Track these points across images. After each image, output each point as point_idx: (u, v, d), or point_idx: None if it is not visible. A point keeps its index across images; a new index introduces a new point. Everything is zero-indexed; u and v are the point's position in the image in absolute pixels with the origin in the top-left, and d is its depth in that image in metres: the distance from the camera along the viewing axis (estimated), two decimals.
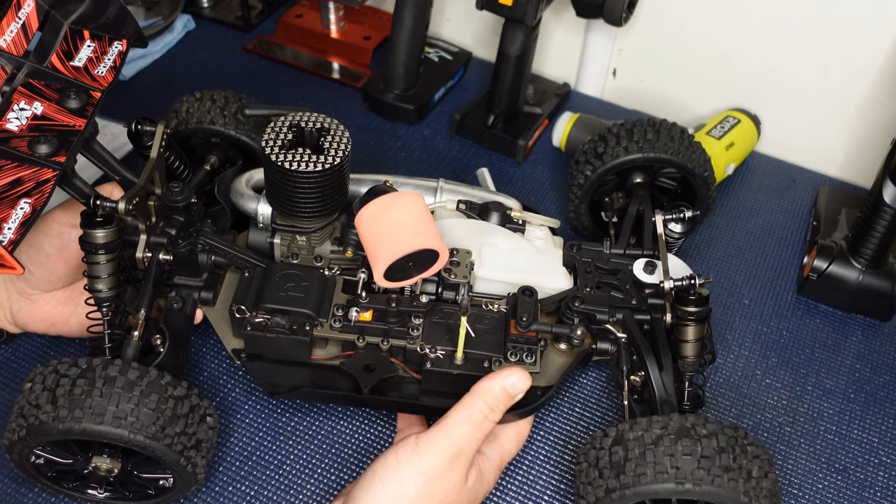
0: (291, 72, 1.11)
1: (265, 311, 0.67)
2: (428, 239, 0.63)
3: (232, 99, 0.80)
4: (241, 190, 0.74)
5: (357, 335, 0.68)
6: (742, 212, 0.98)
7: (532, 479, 0.71)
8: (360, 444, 0.72)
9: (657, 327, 0.70)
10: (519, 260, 0.73)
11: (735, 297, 0.88)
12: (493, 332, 0.69)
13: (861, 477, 0.74)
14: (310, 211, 0.67)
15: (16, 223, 0.54)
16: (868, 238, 0.82)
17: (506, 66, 0.96)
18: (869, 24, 0.91)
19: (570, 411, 0.76)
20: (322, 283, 0.69)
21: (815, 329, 0.86)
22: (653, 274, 0.72)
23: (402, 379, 0.70)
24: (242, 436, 0.72)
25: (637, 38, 1.05)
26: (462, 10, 1.14)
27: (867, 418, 0.78)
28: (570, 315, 0.71)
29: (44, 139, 0.57)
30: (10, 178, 0.55)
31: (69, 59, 0.63)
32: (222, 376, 0.76)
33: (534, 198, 0.97)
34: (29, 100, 0.60)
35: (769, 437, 0.76)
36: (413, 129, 1.05)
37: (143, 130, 0.71)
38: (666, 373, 0.66)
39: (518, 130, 1.01)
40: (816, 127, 1.02)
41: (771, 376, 0.81)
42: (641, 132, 0.81)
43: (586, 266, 0.75)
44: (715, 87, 1.05)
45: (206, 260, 0.70)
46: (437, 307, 0.70)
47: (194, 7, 1.18)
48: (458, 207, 0.77)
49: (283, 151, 0.65)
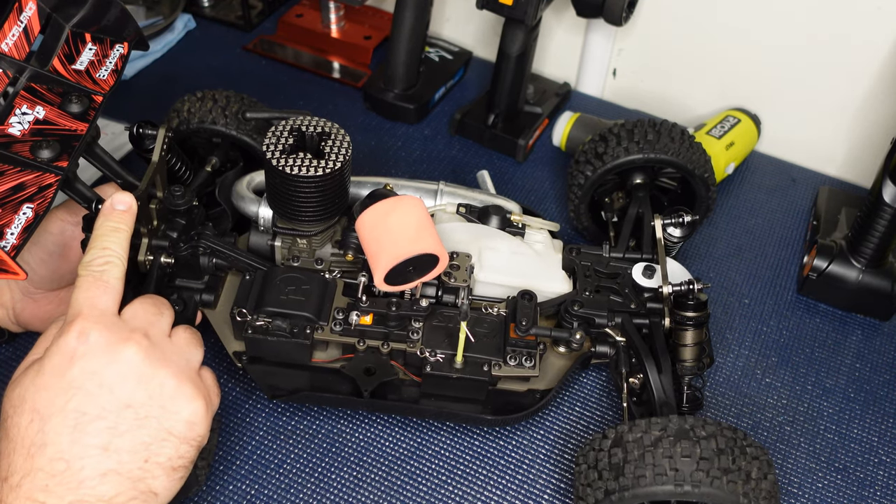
0: (292, 71, 1.11)
1: (266, 315, 0.67)
2: (428, 243, 0.64)
3: (233, 99, 0.80)
4: (242, 193, 0.74)
5: (357, 338, 0.69)
6: (742, 211, 0.98)
7: (532, 478, 0.71)
8: (360, 444, 0.72)
9: (656, 331, 0.70)
10: (518, 264, 0.73)
11: (735, 296, 0.88)
12: (493, 336, 0.69)
13: (861, 476, 0.74)
14: (311, 215, 0.67)
15: (18, 228, 0.54)
16: (868, 237, 0.82)
17: (506, 66, 0.96)
18: (869, 25, 0.91)
19: (571, 411, 0.76)
20: (323, 286, 0.70)
21: (815, 328, 0.86)
22: (652, 278, 0.73)
23: (402, 382, 0.70)
24: (243, 436, 0.72)
25: (637, 38, 1.05)
26: (462, 10, 1.14)
27: (867, 417, 0.78)
28: (570, 319, 0.71)
29: (46, 144, 0.58)
30: (13, 184, 0.55)
31: (71, 62, 0.64)
32: (223, 376, 0.76)
33: (534, 197, 0.97)
34: (31, 104, 0.60)
35: (769, 437, 0.76)
36: (413, 128, 1.05)
37: (145, 134, 0.71)
38: (665, 375, 0.67)
39: (518, 130, 1.01)
40: (816, 127, 1.02)
41: (771, 376, 0.81)
42: (642, 132, 0.81)
43: (585, 270, 0.75)
44: (715, 87, 1.04)
45: (207, 263, 0.70)
46: (437, 311, 0.70)
47: (195, 7, 1.18)
48: (458, 211, 0.77)
49: (284, 156, 0.65)
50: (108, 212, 0.59)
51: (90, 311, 0.54)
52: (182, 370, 0.56)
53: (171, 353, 0.56)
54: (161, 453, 0.53)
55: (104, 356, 0.52)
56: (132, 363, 0.53)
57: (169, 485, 0.54)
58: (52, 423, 0.51)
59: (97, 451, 0.51)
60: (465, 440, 0.73)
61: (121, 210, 0.60)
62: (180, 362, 0.56)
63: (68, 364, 0.52)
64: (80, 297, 0.54)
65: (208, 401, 0.56)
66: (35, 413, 0.51)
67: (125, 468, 0.52)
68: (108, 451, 0.51)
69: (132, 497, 0.52)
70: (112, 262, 0.56)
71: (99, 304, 0.54)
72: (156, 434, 0.53)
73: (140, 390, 0.53)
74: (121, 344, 0.53)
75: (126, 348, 0.53)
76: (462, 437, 0.73)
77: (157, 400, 0.53)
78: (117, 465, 0.51)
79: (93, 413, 0.51)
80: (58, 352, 0.52)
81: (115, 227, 0.59)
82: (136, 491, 0.52)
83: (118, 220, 0.59)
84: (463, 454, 0.72)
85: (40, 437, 0.50)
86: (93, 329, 0.53)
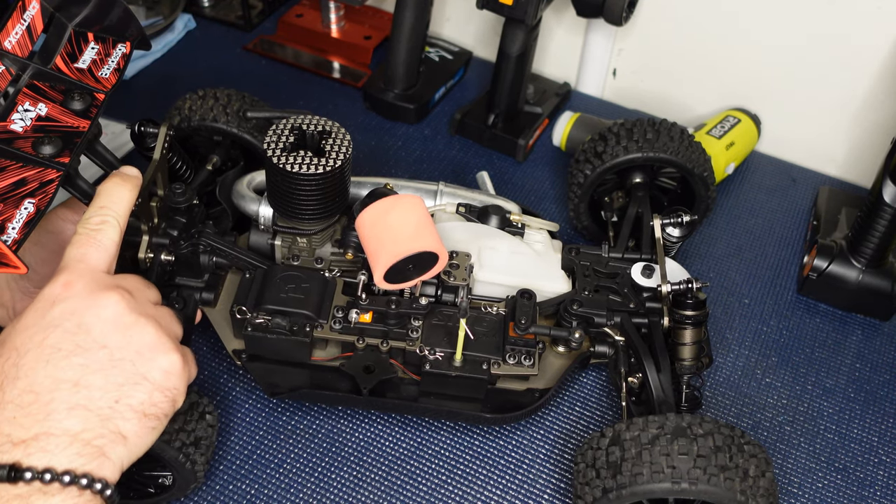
0: (292, 71, 1.11)
1: (266, 313, 0.67)
2: (427, 242, 0.64)
3: (234, 97, 0.80)
4: (243, 192, 0.74)
5: (357, 337, 0.69)
6: (742, 211, 0.98)
7: (532, 478, 0.72)
8: (360, 443, 0.73)
9: (655, 330, 0.70)
10: (518, 263, 0.74)
11: (735, 296, 0.88)
12: (492, 335, 0.69)
13: (861, 476, 0.74)
14: (311, 213, 0.68)
15: (20, 223, 0.54)
16: (868, 237, 0.82)
17: (506, 66, 0.97)
18: (869, 24, 0.91)
19: (571, 410, 0.76)
20: (322, 284, 0.70)
21: (815, 328, 0.86)
22: (650, 278, 0.73)
23: (402, 380, 0.70)
24: (243, 434, 0.72)
25: (637, 38, 1.05)
26: (462, 10, 1.14)
27: (867, 417, 0.78)
28: (569, 318, 0.72)
29: (48, 140, 0.58)
30: (15, 179, 0.56)
31: (73, 60, 0.64)
32: (223, 375, 0.77)
33: (534, 197, 0.97)
34: (33, 101, 0.60)
35: (769, 436, 0.76)
36: (413, 128, 1.05)
37: (146, 132, 0.71)
38: (663, 374, 0.67)
39: (518, 130, 1.01)
40: (816, 127, 1.02)
41: (771, 375, 0.81)
42: (641, 132, 0.81)
43: (585, 269, 0.75)
44: (715, 87, 1.05)
45: (207, 261, 0.70)
46: (437, 309, 0.70)
47: (195, 6, 1.19)
48: (457, 210, 0.77)
49: (285, 154, 0.65)
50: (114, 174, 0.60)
51: (78, 265, 0.54)
52: (163, 328, 0.56)
53: (154, 312, 0.56)
54: (133, 396, 0.52)
55: (86, 300, 0.53)
56: (114, 310, 0.53)
57: (139, 430, 0.53)
58: (27, 357, 0.51)
59: (68, 385, 0.51)
60: (465, 439, 0.73)
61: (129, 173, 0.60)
62: (161, 321, 0.56)
63: (50, 306, 0.52)
64: (72, 252, 0.55)
65: (186, 361, 0.56)
66: (13, 350, 0.51)
67: (95, 405, 0.51)
68: (79, 386, 0.51)
69: (100, 434, 0.51)
70: (108, 222, 0.56)
71: (89, 260, 0.54)
72: (129, 376, 0.53)
73: (118, 334, 0.53)
74: (105, 291, 0.53)
75: (109, 296, 0.53)
76: (462, 437, 0.74)
77: (135, 346, 0.53)
78: (87, 401, 0.51)
79: (67, 349, 0.51)
80: (41, 298, 0.53)
81: (119, 183, 0.59)
82: (105, 429, 0.51)
83: (123, 179, 0.59)
84: (463, 454, 0.73)
85: (13, 371, 0.50)
86: (79, 279, 0.53)
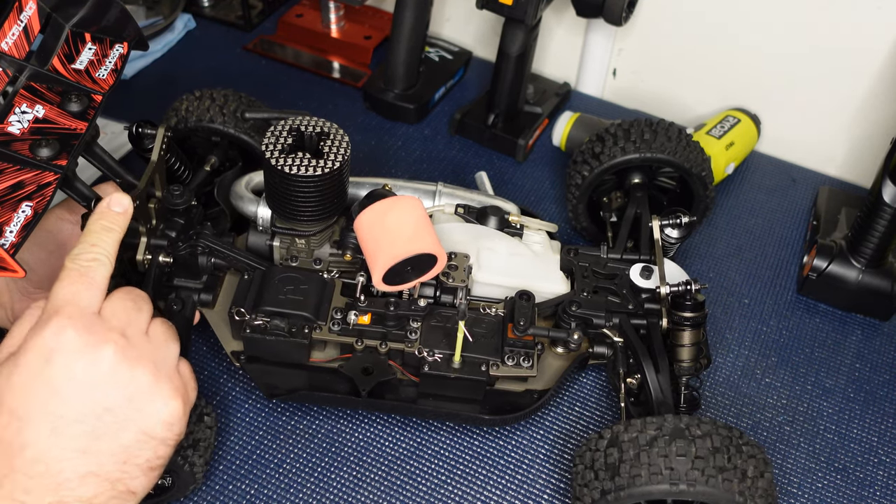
0: (292, 71, 1.11)
1: (264, 314, 0.67)
2: (426, 243, 0.64)
3: (231, 97, 0.80)
4: (241, 193, 0.74)
5: (355, 338, 0.69)
6: (742, 211, 0.98)
7: (531, 478, 0.72)
8: (360, 443, 0.73)
9: (653, 331, 0.70)
10: (517, 264, 0.74)
11: (735, 296, 0.88)
12: (491, 336, 0.69)
13: (860, 476, 0.74)
14: (309, 214, 0.68)
15: (17, 226, 0.54)
16: (868, 237, 0.82)
17: (506, 66, 0.96)
18: (869, 24, 0.91)
19: (570, 411, 0.76)
20: (321, 286, 0.70)
21: (815, 328, 0.86)
22: (649, 279, 0.73)
23: (400, 382, 0.70)
24: (242, 435, 0.72)
25: (637, 38, 1.05)
26: (462, 10, 1.14)
27: (866, 417, 0.78)
28: (567, 319, 0.72)
29: (45, 142, 0.58)
30: (12, 182, 0.56)
31: (71, 61, 0.64)
32: (222, 376, 0.77)
33: (534, 197, 0.97)
34: (31, 103, 0.60)
35: (768, 437, 0.76)
36: (413, 128, 1.05)
37: (144, 133, 0.71)
38: (662, 375, 0.67)
39: (518, 130, 1.01)
40: (816, 127, 1.01)
41: (770, 375, 0.81)
42: (639, 132, 0.81)
43: (583, 270, 0.75)
44: (715, 87, 1.04)
45: (205, 262, 0.70)
46: (435, 311, 0.70)
47: (195, 6, 1.19)
48: (456, 211, 0.77)
49: (283, 156, 0.65)
50: (103, 211, 0.59)
51: (71, 308, 0.53)
52: (159, 368, 0.55)
53: (148, 351, 0.56)
54: (140, 455, 0.53)
55: (81, 357, 0.52)
56: (109, 363, 0.53)
57: (146, 483, 0.54)
58: (31, 425, 0.50)
59: (76, 454, 0.51)
60: (464, 440, 0.73)
61: (116, 212, 0.59)
62: (157, 360, 0.56)
63: (44, 363, 0.51)
64: (63, 290, 0.54)
65: (185, 398, 0.56)
66: (12, 414, 0.50)
67: (104, 470, 0.52)
68: (87, 454, 0.51)
69: (111, 497, 0.52)
70: (99, 261, 0.56)
71: (80, 301, 0.54)
72: (135, 437, 0.53)
73: (118, 393, 0.53)
74: (98, 345, 0.53)
75: (103, 349, 0.53)
76: (462, 437, 0.74)
77: (136, 402, 0.53)
78: (97, 468, 0.51)
79: (70, 417, 0.51)
80: (34, 348, 0.52)
81: (108, 226, 0.58)
82: (115, 491, 0.52)
83: (112, 220, 0.59)
84: (462, 454, 0.73)
85: (19, 438, 0.50)
86: (70, 327, 0.52)
